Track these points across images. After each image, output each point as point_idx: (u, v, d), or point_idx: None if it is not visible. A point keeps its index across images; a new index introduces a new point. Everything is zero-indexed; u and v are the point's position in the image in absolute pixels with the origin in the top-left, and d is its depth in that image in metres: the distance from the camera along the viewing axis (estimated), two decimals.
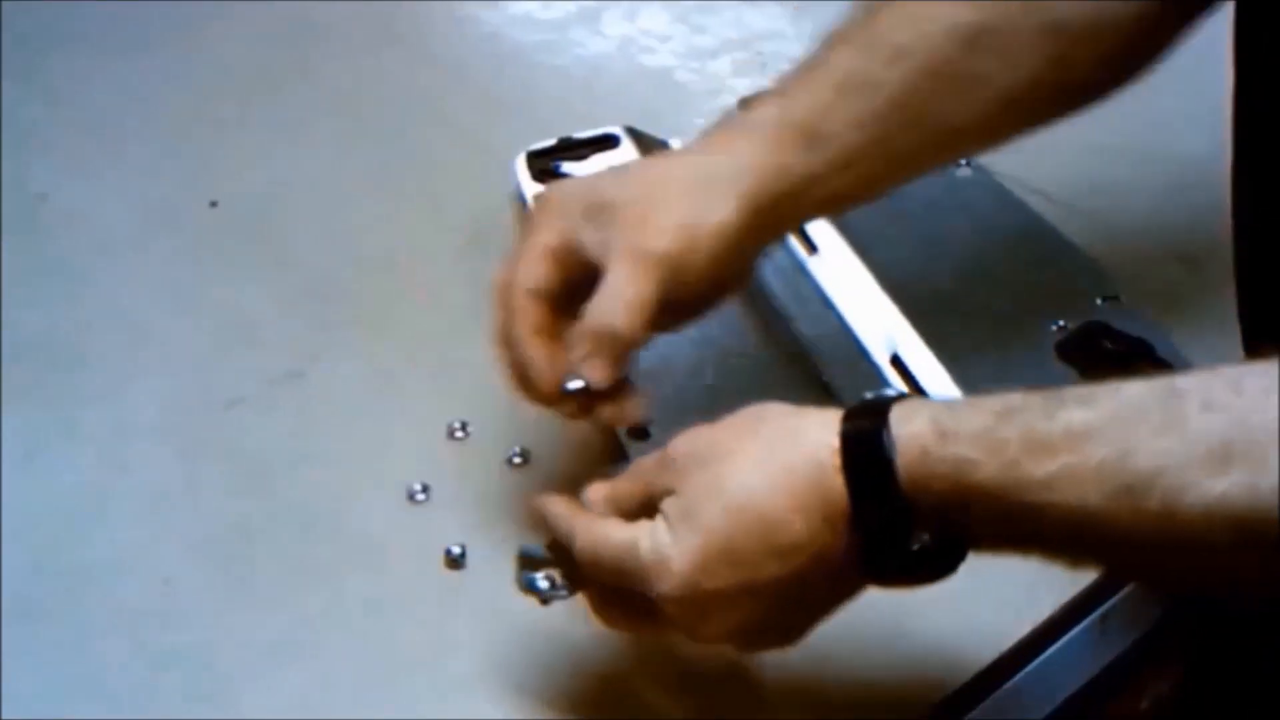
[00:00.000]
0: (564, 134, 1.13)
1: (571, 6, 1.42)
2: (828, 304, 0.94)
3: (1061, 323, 0.91)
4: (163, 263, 1.10)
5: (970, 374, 0.88)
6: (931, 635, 0.77)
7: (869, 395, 0.65)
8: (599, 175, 0.84)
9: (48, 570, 0.84)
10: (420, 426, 0.92)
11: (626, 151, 1.11)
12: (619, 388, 0.76)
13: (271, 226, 1.14)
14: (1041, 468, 0.58)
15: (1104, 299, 0.93)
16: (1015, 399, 0.60)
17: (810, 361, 0.91)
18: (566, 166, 1.10)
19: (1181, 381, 0.57)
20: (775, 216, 0.77)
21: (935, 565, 0.64)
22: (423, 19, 1.44)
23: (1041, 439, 0.58)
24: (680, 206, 0.75)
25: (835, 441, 0.63)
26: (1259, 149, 0.76)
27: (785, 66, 0.80)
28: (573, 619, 0.78)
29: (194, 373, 0.99)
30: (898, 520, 0.62)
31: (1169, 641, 0.83)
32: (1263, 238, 0.77)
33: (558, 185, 0.83)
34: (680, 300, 0.75)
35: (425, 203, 1.15)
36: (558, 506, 0.70)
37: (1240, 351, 0.78)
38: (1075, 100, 0.82)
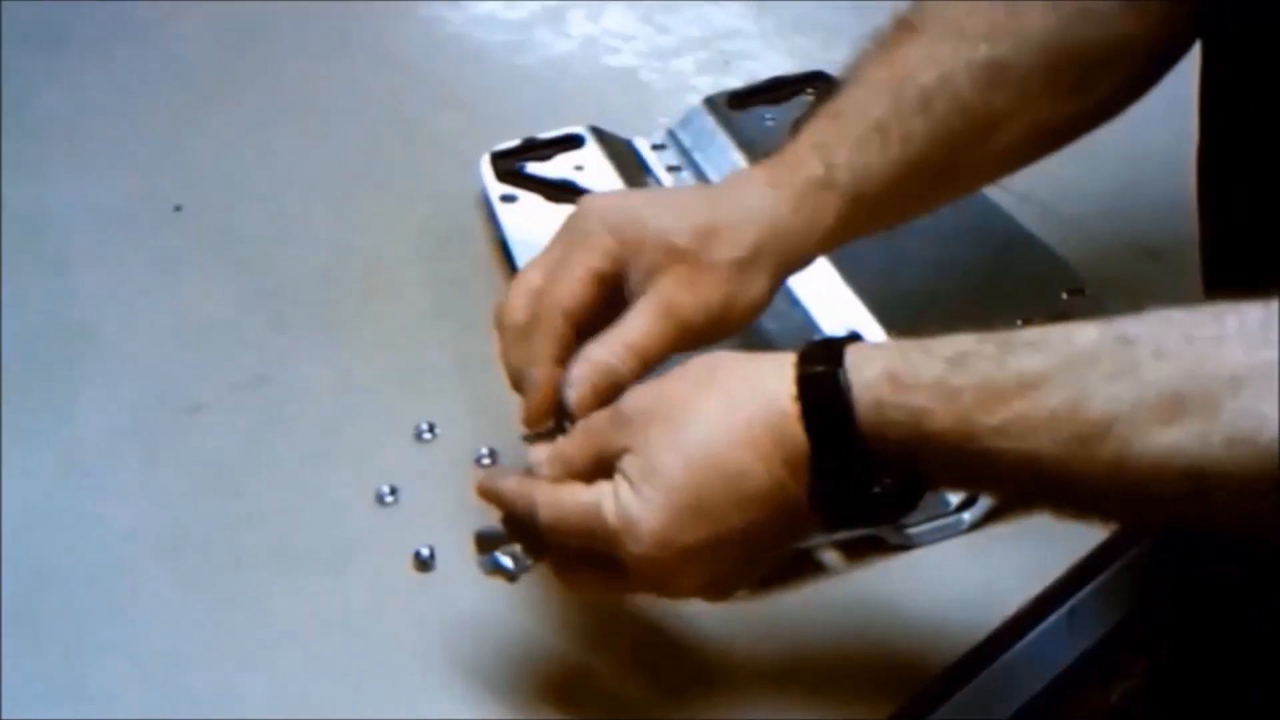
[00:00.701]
0: (528, 134, 1.13)
1: (535, 7, 1.42)
2: (792, 300, 0.94)
3: (1027, 316, 0.91)
4: (128, 268, 1.10)
5: None
6: (899, 631, 0.77)
7: (819, 338, 0.65)
8: (654, 203, 0.79)
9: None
10: (387, 428, 0.92)
11: (591, 151, 1.11)
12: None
13: (236, 230, 1.13)
14: (995, 416, 0.58)
15: (1069, 292, 0.93)
16: (968, 343, 0.61)
17: None
18: (531, 167, 1.10)
19: (1133, 327, 0.57)
20: (799, 265, 0.78)
21: (894, 507, 0.64)
22: (386, 19, 1.44)
23: (995, 386, 0.59)
24: (724, 280, 0.74)
25: (792, 388, 0.63)
26: (1225, 140, 0.76)
27: (748, 64, 0.79)
28: (543, 619, 0.78)
29: (158, 378, 0.98)
30: (857, 465, 0.62)
31: (1137, 635, 0.83)
32: (1228, 228, 0.77)
33: (606, 198, 0.80)
34: (690, 347, 0.74)
35: (390, 204, 1.15)
36: (511, 481, 0.70)
37: None
38: (1092, 121, 0.82)
